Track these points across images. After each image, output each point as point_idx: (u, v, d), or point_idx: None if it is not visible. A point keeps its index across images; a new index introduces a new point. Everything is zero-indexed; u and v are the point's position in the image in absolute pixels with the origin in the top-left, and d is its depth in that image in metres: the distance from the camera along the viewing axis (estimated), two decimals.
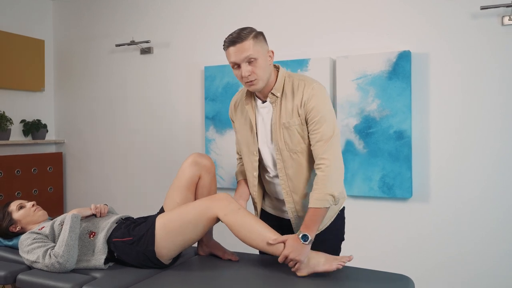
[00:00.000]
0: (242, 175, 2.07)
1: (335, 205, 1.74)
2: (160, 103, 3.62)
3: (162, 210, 2.09)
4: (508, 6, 2.52)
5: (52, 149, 4.10)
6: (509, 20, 2.60)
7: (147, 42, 3.53)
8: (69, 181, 4.08)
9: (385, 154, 2.84)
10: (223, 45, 1.74)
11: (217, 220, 1.83)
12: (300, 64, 3.06)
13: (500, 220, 2.65)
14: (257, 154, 1.88)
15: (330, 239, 1.86)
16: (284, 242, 1.72)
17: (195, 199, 2.07)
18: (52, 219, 2.20)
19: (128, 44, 3.60)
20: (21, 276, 1.84)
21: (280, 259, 1.71)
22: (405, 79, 2.78)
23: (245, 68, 1.70)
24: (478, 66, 2.68)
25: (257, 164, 1.90)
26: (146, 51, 3.62)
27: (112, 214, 2.12)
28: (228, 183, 3.32)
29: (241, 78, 1.74)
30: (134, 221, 2.02)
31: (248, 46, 1.69)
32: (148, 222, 1.91)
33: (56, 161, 3.98)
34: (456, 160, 2.75)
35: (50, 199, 3.90)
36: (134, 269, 1.89)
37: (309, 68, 3.03)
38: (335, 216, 1.91)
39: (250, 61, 1.70)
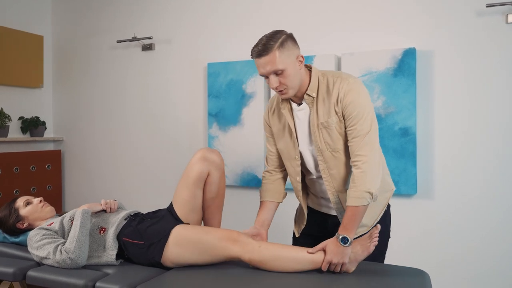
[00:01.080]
0: (267, 196, 1.97)
1: (373, 202, 1.69)
2: (161, 100, 3.60)
3: (171, 206, 2.07)
4: None
5: (50, 147, 4.05)
6: None
7: (149, 38, 3.50)
8: (67, 179, 4.03)
9: (390, 151, 2.84)
10: (251, 54, 1.70)
11: (240, 260, 1.77)
12: (305, 61, 3.03)
13: (504, 217, 2.66)
14: (299, 158, 1.84)
15: (380, 235, 1.77)
16: (323, 249, 1.70)
17: (204, 195, 2.04)
18: (59, 215, 2.17)
19: (130, 40, 3.56)
20: (31, 273, 1.81)
21: (323, 266, 1.67)
22: (410, 76, 2.79)
23: (273, 80, 1.66)
24: (482, 63, 2.70)
25: (299, 168, 1.85)
26: (147, 47, 3.59)
27: (121, 210, 2.09)
28: (231, 181, 3.30)
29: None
30: (144, 217, 1.99)
31: (273, 59, 1.63)
32: (162, 230, 1.86)
33: (54, 158, 3.93)
34: (460, 157, 2.76)
35: (49, 197, 3.84)
36: (145, 266, 1.87)
37: (313, 65, 3.02)
38: (383, 212, 1.86)
39: (277, 73, 1.65)
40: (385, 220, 1.87)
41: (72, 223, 1.94)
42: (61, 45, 4.00)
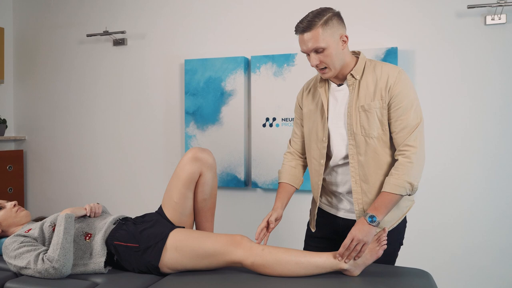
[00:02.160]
0: (288, 178, 1.92)
1: (409, 195, 1.67)
2: (134, 98, 3.43)
3: (160, 209, 1.96)
4: (493, 6, 2.59)
5: (11, 147, 3.78)
6: (491, 20, 2.68)
7: (122, 32, 3.33)
8: (30, 181, 3.78)
9: None
10: (295, 31, 1.68)
11: (242, 265, 1.70)
12: (286, 58, 3.00)
13: (491, 217, 2.70)
14: (326, 140, 1.78)
15: (392, 242, 1.76)
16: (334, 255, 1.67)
17: (195, 197, 1.95)
18: (35, 221, 2.01)
19: (101, 35, 3.37)
20: (9, 285, 1.64)
21: (345, 241, 1.60)
22: None
23: (313, 57, 1.66)
24: (461, 63, 2.74)
25: (325, 151, 1.79)
26: (119, 42, 3.42)
27: (107, 214, 1.96)
28: None
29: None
30: (134, 221, 1.87)
31: (316, 36, 1.62)
32: (159, 233, 1.75)
33: (16, 159, 3.67)
34: (441, 156, 2.79)
35: (10, 200, 3.58)
36: (136, 274, 1.74)
37: (296, 63, 2.98)
38: (402, 218, 1.82)
39: (318, 51, 1.64)
40: (399, 228, 1.83)
41: (53, 229, 1.79)
42: (24, 37, 3.74)
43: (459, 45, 2.74)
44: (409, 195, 1.67)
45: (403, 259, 2.08)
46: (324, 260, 1.65)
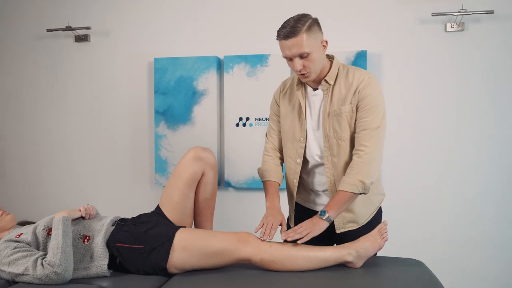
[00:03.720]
0: (273, 176, 1.93)
1: (364, 194, 1.73)
2: (98, 96, 3.29)
3: (158, 209, 1.92)
4: (455, 14, 2.80)
5: None
6: (451, 27, 2.90)
7: (87, 28, 3.18)
8: None
9: None
10: (277, 36, 1.69)
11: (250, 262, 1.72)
12: (259, 59, 3.03)
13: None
14: (304, 141, 1.83)
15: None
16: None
17: (196, 196, 1.94)
18: (20, 225, 1.89)
19: (63, 30, 3.21)
20: None
21: (295, 227, 1.71)
22: None
23: (297, 62, 1.68)
24: (424, 66, 2.92)
25: (302, 150, 1.84)
26: (82, 38, 3.27)
27: (101, 216, 1.89)
28: None
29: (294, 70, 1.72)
30: (134, 222, 1.82)
31: (301, 42, 1.64)
32: (165, 234, 1.72)
33: None
34: (404, 155, 2.95)
35: None
36: (142, 275, 1.70)
37: (268, 64, 3.03)
38: (376, 212, 1.92)
39: (302, 56, 1.67)
40: (376, 221, 1.92)
41: (48, 233, 1.70)
42: None
43: (422, 50, 2.93)
44: (362, 193, 1.74)
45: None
46: (330, 254, 1.71)
